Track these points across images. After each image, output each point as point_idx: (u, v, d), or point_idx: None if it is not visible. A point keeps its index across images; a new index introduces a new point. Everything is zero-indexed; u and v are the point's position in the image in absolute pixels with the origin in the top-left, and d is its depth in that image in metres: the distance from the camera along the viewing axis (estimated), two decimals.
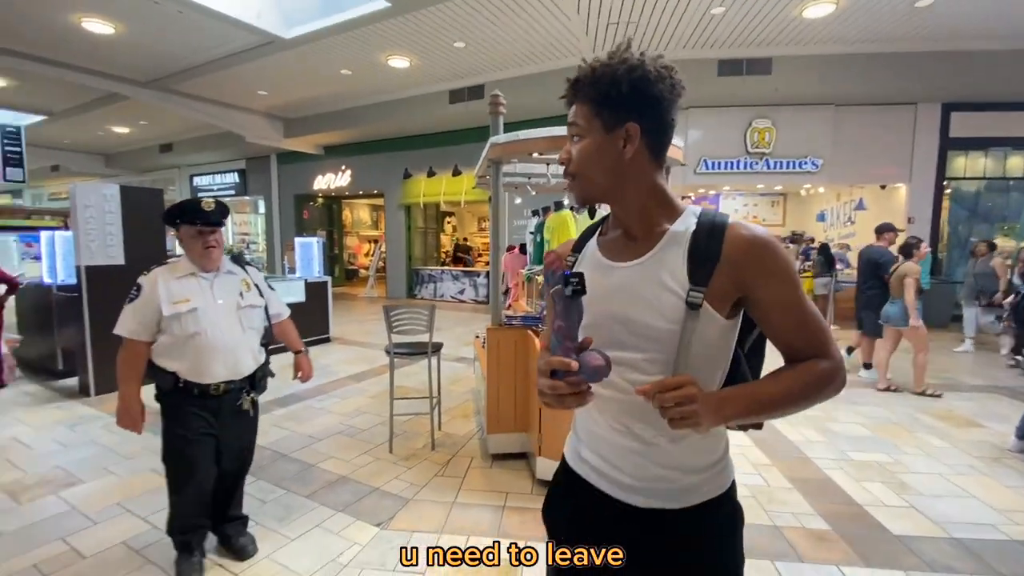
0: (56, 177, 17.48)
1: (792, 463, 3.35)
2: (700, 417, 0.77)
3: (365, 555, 2.35)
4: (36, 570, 2.24)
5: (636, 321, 0.87)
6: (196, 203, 2.04)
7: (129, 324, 2.00)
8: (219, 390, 2.07)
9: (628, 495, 0.92)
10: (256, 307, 2.20)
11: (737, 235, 0.84)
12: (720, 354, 0.90)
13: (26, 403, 4.54)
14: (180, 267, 2.07)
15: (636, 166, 0.88)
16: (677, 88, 0.88)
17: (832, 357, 0.86)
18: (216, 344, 2.03)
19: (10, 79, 9.13)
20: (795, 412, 0.88)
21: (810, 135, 8.78)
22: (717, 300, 0.84)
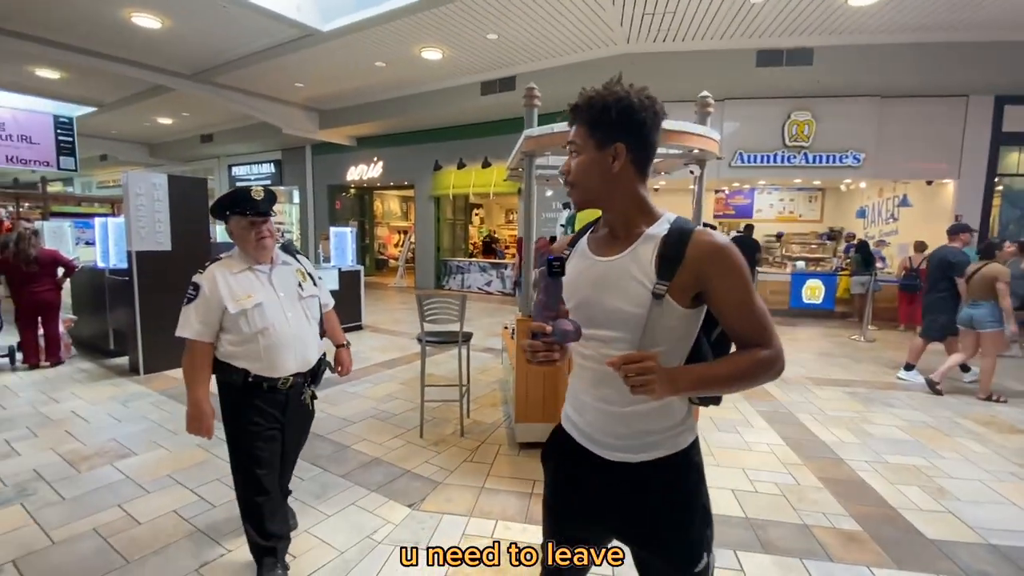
0: (104, 166, 18.30)
1: (824, 463, 3.30)
2: (655, 386, 0.93)
3: (398, 533, 2.44)
4: (96, 533, 2.41)
5: (610, 306, 1.05)
6: (246, 192, 1.92)
7: (193, 325, 1.88)
8: (287, 384, 1.99)
9: (601, 449, 1.12)
10: (314, 296, 2.15)
11: (699, 240, 1.01)
12: (680, 337, 1.07)
13: (82, 379, 4.83)
14: (235, 262, 1.97)
15: (623, 178, 1.06)
16: (659, 115, 1.05)
17: (772, 347, 1.02)
18: (285, 337, 1.96)
19: (64, 71, 9.59)
20: (739, 389, 1.05)
21: (852, 128, 8.48)
22: (678, 293, 1.01)
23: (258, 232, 1.94)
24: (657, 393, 0.94)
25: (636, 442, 1.09)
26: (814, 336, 7.62)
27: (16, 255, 4.91)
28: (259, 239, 1.95)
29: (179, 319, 1.90)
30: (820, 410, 4.31)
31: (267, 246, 1.98)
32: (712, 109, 3.14)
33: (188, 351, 1.92)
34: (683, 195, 11.65)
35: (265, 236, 1.96)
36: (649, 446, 1.09)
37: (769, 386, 4.94)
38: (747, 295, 1.01)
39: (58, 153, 10.45)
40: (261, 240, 1.95)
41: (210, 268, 1.93)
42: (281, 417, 2.03)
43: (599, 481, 1.13)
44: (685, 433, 1.11)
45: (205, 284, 1.89)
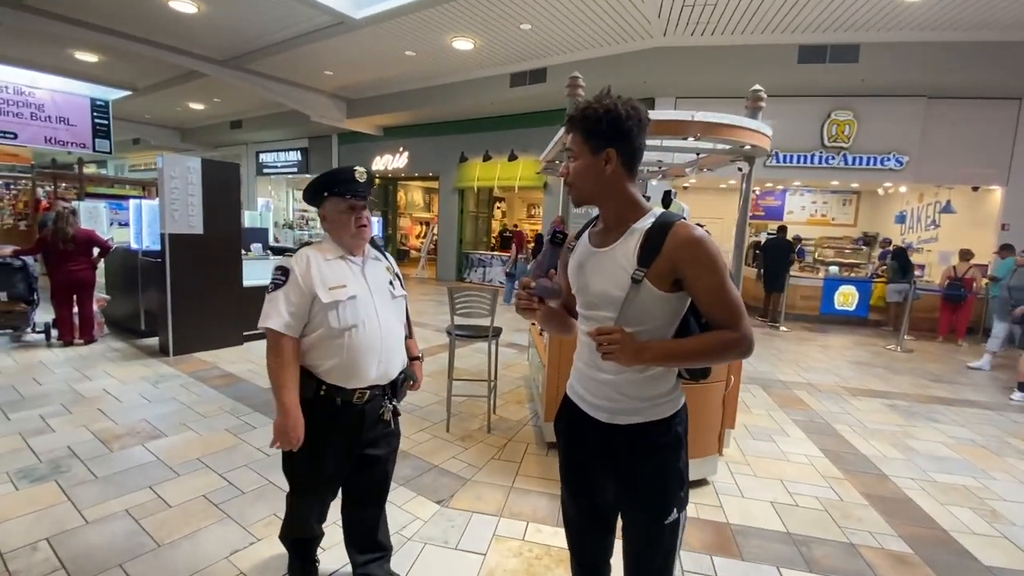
0: (136, 150, 18.69)
1: (867, 479, 3.15)
2: (620, 354, 1.12)
3: (427, 530, 2.39)
4: (128, 515, 2.41)
5: (600, 289, 1.23)
6: (349, 172, 1.69)
7: (283, 315, 1.60)
8: (363, 398, 1.71)
9: (596, 412, 1.28)
10: (405, 297, 1.90)
11: (676, 233, 1.14)
12: (660, 317, 1.19)
13: (114, 359, 4.90)
14: (326, 248, 1.72)
15: (614, 179, 1.20)
16: (643, 122, 1.19)
17: (739, 330, 1.14)
18: (373, 340, 1.69)
19: (102, 55, 9.77)
20: (706, 364, 1.24)
21: (896, 129, 8.15)
22: (657, 278, 1.15)
23: (358, 218, 1.71)
24: (623, 360, 1.13)
25: (623, 407, 1.24)
26: (847, 344, 7.38)
27: (54, 233, 4.99)
28: (359, 226, 1.71)
29: (263, 308, 1.63)
30: (859, 422, 4.14)
31: (365, 235, 1.75)
32: (764, 103, 2.99)
33: (274, 347, 1.62)
34: (711, 194, 11.42)
35: (365, 223, 1.73)
36: (634, 411, 1.24)
37: (803, 394, 4.78)
38: (719, 283, 1.13)
39: (94, 135, 10.67)
40: (361, 227, 1.71)
41: (303, 250, 1.70)
42: (357, 440, 1.75)
43: (596, 441, 1.29)
44: (668, 404, 1.25)
45: (297, 268, 1.63)
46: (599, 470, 1.32)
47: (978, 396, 5.03)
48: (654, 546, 1.29)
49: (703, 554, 2.31)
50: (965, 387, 5.32)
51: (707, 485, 2.93)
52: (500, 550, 2.27)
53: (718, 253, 1.14)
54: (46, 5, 7.25)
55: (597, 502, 1.36)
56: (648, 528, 1.28)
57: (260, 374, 4.44)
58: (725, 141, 2.80)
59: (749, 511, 2.69)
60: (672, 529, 1.27)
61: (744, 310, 1.16)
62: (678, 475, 1.27)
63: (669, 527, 1.26)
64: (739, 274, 3.23)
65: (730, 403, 2.99)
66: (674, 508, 1.26)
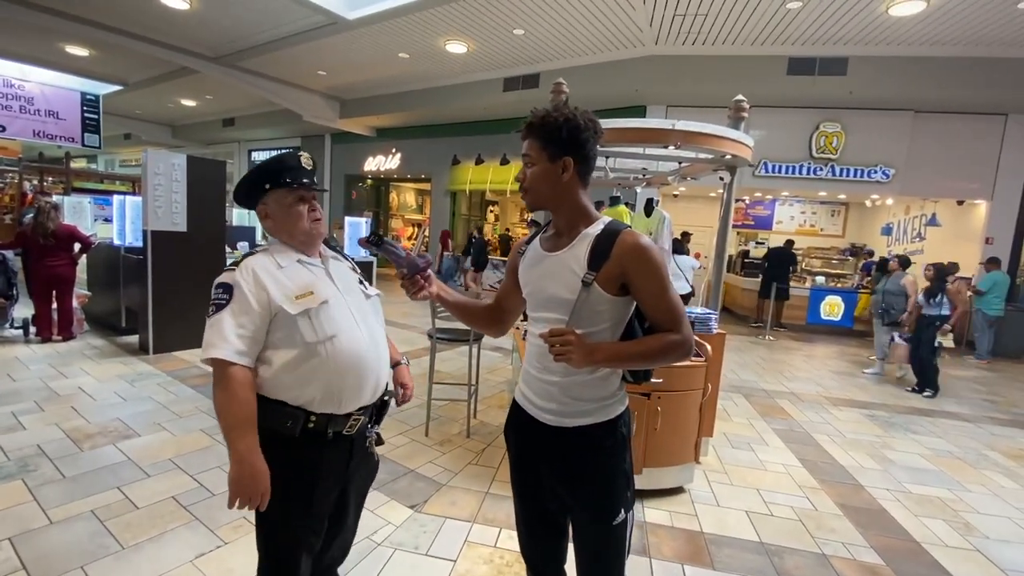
0: (127, 145, 18.52)
1: (843, 489, 3.16)
2: (572, 355, 1.13)
3: (399, 536, 2.37)
4: (93, 515, 2.37)
5: (551, 292, 1.26)
6: (295, 159, 1.42)
7: (231, 342, 1.24)
8: (354, 427, 1.38)
9: (543, 416, 1.30)
10: (379, 296, 1.59)
11: (623, 240, 1.19)
12: (608, 319, 1.24)
13: (92, 355, 4.83)
14: (277, 254, 1.38)
15: (569, 186, 1.24)
16: (598, 134, 1.24)
17: (681, 333, 1.21)
18: (360, 348, 1.37)
19: (92, 49, 9.68)
20: (651, 365, 1.30)
21: (883, 142, 8.25)
22: (605, 282, 1.19)
23: (312, 208, 1.42)
24: (575, 362, 1.15)
25: (571, 409, 1.27)
26: (831, 354, 7.43)
27: (34, 228, 4.92)
28: (314, 220, 1.42)
29: (204, 336, 1.27)
30: (838, 432, 4.16)
31: (321, 230, 1.45)
32: (747, 114, 3.02)
33: (221, 380, 1.24)
34: (700, 203, 11.49)
35: (319, 216, 1.44)
36: (581, 413, 1.27)
37: (784, 404, 4.80)
38: (661, 289, 1.20)
39: (83, 130, 10.56)
40: (316, 221, 1.42)
41: (246, 261, 1.33)
42: (343, 477, 1.43)
43: (543, 444, 1.32)
44: (615, 405, 1.29)
45: (244, 282, 1.28)
46: (548, 474, 1.33)
47: (958, 408, 5.08)
48: (604, 547, 1.31)
49: (675, 563, 2.30)
50: (946, 399, 5.37)
51: (683, 493, 2.92)
52: (471, 556, 2.25)
53: (661, 261, 1.20)
54: None
55: (547, 506, 1.37)
56: (597, 530, 1.30)
57: None
58: (706, 150, 2.81)
59: (723, 520, 2.69)
60: (620, 529, 1.29)
61: (684, 314, 1.23)
62: (624, 476, 1.30)
63: (617, 528, 1.28)
64: (719, 282, 3.24)
65: (707, 411, 2.99)
66: (621, 508, 1.28)
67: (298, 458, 1.33)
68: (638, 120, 2.54)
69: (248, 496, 1.24)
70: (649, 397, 2.66)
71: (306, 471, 1.34)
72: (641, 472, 2.71)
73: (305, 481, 1.34)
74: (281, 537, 1.37)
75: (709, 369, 2.85)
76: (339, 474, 1.41)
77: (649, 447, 2.70)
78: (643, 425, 2.66)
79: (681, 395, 2.74)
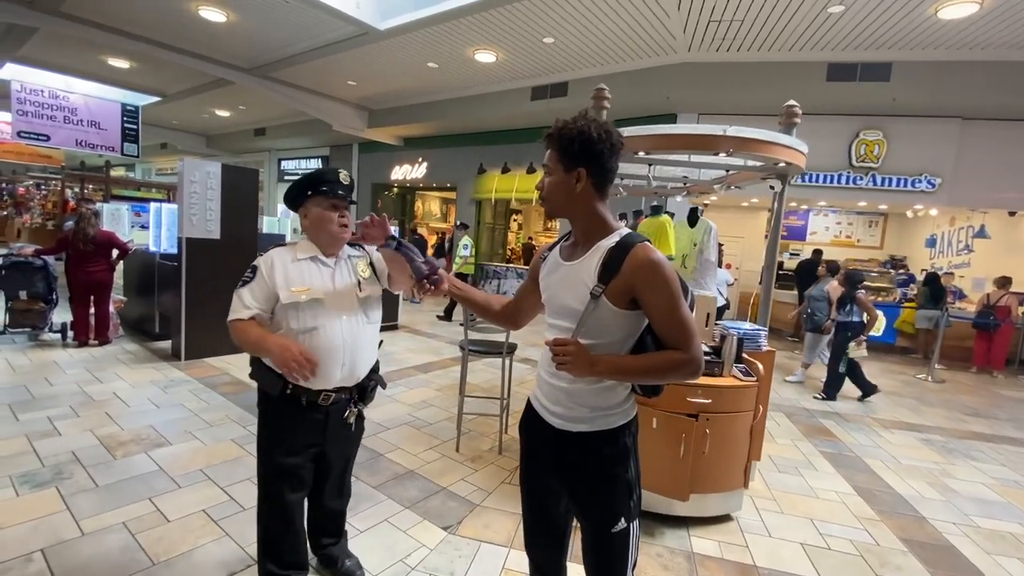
0: (163, 154, 19.13)
1: (905, 521, 2.93)
2: (573, 365, 1.18)
3: (433, 560, 2.26)
4: (125, 527, 2.33)
5: (563, 301, 1.29)
6: (334, 173, 1.75)
7: (248, 308, 1.68)
8: (328, 400, 1.76)
9: (550, 418, 1.34)
10: (374, 297, 1.89)
11: (635, 255, 1.19)
12: (616, 332, 1.25)
13: (126, 360, 4.89)
14: (300, 250, 1.77)
15: (584, 197, 1.26)
16: (615, 146, 1.24)
17: (689, 352, 1.20)
18: (335, 342, 1.72)
19: (133, 61, 10.00)
20: (655, 381, 1.30)
21: (928, 151, 7.89)
22: (614, 295, 1.21)
23: (341, 216, 1.75)
24: (575, 371, 1.19)
25: (575, 415, 1.30)
26: (874, 371, 7.06)
27: (75, 234, 5.03)
28: (340, 226, 1.75)
29: (231, 303, 1.70)
30: (892, 457, 3.90)
31: (345, 236, 1.78)
32: (799, 119, 2.86)
33: (237, 332, 1.66)
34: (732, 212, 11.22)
35: (346, 224, 1.76)
36: (585, 420, 1.29)
37: (830, 424, 4.56)
38: (672, 306, 1.19)
39: (123, 139, 10.91)
40: (342, 227, 1.75)
41: (272, 251, 1.76)
42: (320, 439, 1.82)
43: (549, 445, 1.35)
44: (618, 416, 1.30)
45: (263, 266, 1.71)
46: (552, 476, 1.37)
47: (1020, 433, 4.74)
48: (605, 554, 1.32)
49: None
50: (1005, 423, 5.03)
51: (731, 521, 2.75)
52: None
53: (673, 277, 1.20)
54: (82, 12, 7.44)
55: (550, 508, 1.42)
56: (596, 536, 1.32)
57: None
58: (758, 157, 2.67)
59: (777, 553, 2.50)
60: (621, 538, 1.30)
61: (694, 333, 1.22)
62: (626, 485, 1.30)
63: (618, 536, 1.29)
64: (768, 296, 3.07)
65: (757, 434, 2.82)
66: (622, 518, 1.29)
67: (279, 412, 1.76)
68: (687, 126, 2.42)
69: (294, 359, 1.54)
70: (697, 419, 2.50)
71: (285, 422, 1.77)
72: (688, 499, 2.54)
73: (284, 428, 1.77)
74: (267, 469, 1.82)
75: (760, 389, 2.68)
76: (314, 433, 1.79)
77: (696, 472, 2.54)
78: (690, 449, 2.50)
79: (730, 417, 2.58)
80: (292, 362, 1.53)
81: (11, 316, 5.14)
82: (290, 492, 1.82)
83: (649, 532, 2.56)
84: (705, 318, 2.77)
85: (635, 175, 3.62)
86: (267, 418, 1.81)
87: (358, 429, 1.97)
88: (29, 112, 9.58)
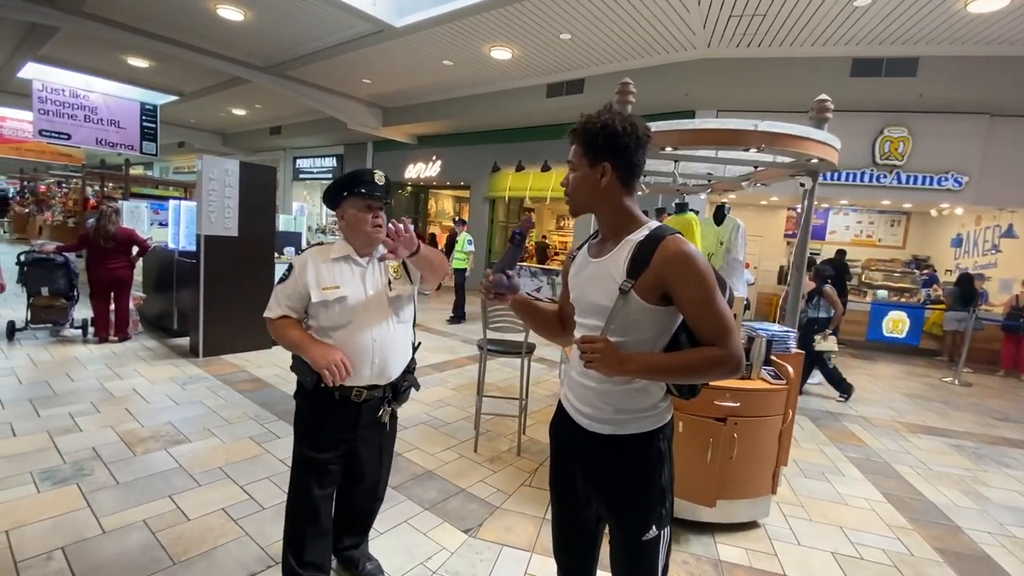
0: (181, 152, 19.37)
1: (938, 530, 2.83)
2: (602, 363, 1.13)
3: (454, 564, 2.22)
4: (145, 525, 2.32)
5: (592, 298, 1.25)
6: (369, 174, 1.77)
7: (280, 307, 1.77)
8: (360, 396, 1.79)
9: (580, 419, 1.30)
10: (405, 296, 1.89)
11: (665, 247, 1.14)
12: (648, 330, 1.20)
13: (145, 357, 4.92)
14: (334, 249, 1.81)
15: (609, 192, 1.22)
16: (641, 139, 1.20)
17: (726, 348, 1.13)
18: (364, 341, 1.75)
19: (152, 60, 10.11)
20: (691, 380, 1.23)
21: (955, 148, 7.68)
22: (644, 291, 1.15)
23: (375, 216, 1.77)
24: (604, 370, 1.14)
25: (605, 416, 1.25)
26: (898, 374, 6.91)
27: (96, 231, 5.08)
28: (374, 225, 1.76)
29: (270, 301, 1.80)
30: (921, 463, 3.79)
31: (379, 235, 1.77)
32: (830, 114, 2.77)
33: (274, 330, 1.77)
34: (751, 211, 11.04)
35: (380, 223, 1.77)
36: (617, 423, 1.24)
37: (856, 428, 4.44)
38: (706, 299, 1.13)
39: (142, 138, 11.03)
40: (376, 227, 1.76)
41: (307, 251, 1.82)
42: (351, 434, 1.84)
43: (579, 448, 1.31)
44: (650, 419, 1.25)
45: (297, 266, 1.77)
46: (582, 479, 1.32)
47: None
48: (634, 562, 1.28)
49: None
50: None
51: (759, 528, 2.67)
52: None
53: (707, 269, 1.14)
54: (102, 11, 7.52)
55: (581, 513, 1.37)
56: (626, 543, 1.27)
57: (287, 379, 4.36)
58: (788, 153, 2.58)
59: (807, 562, 2.42)
60: (652, 546, 1.25)
61: (732, 328, 1.15)
62: (659, 491, 1.25)
63: (648, 543, 1.25)
64: (798, 296, 2.98)
65: (785, 439, 2.73)
66: (653, 525, 1.25)
67: (313, 404, 1.79)
68: (717, 120, 2.34)
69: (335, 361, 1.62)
70: (725, 423, 2.43)
71: (317, 416, 1.80)
72: (715, 505, 2.47)
73: (316, 422, 1.80)
74: (297, 462, 1.85)
75: (789, 393, 2.59)
76: (346, 429, 1.81)
77: (723, 477, 2.47)
78: (718, 453, 2.43)
79: (760, 421, 2.50)
80: (333, 366, 1.61)
81: (33, 312, 5.21)
82: (317, 487, 1.83)
83: (674, 539, 2.48)
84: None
85: (657, 171, 3.54)
86: (302, 410, 1.85)
87: (392, 429, 1.97)
88: (50, 111, 9.72)
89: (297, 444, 1.86)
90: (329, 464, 1.83)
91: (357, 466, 1.91)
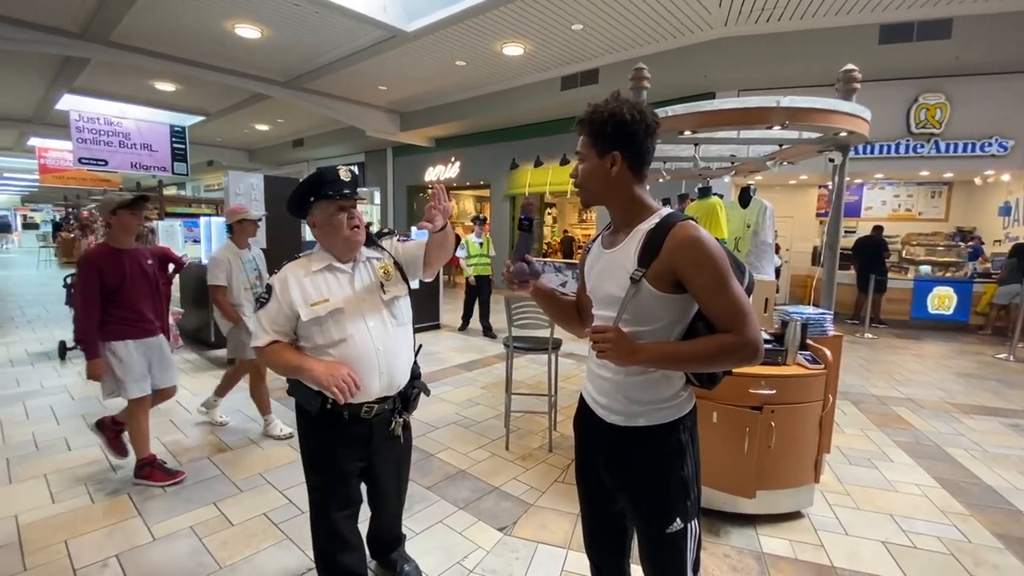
0: (210, 171, 20.01)
1: (998, 515, 2.68)
2: (613, 353, 1.12)
3: (490, 562, 2.22)
4: (192, 532, 2.40)
5: (606, 290, 1.24)
6: (334, 172, 1.61)
7: (268, 334, 1.61)
8: (371, 412, 1.67)
9: (601, 411, 1.29)
10: (401, 298, 1.77)
11: (674, 234, 1.12)
12: (660, 318, 1.18)
13: (186, 369, 5.11)
14: (314, 260, 1.67)
15: (620, 181, 1.20)
16: (650, 126, 1.17)
17: (743, 335, 1.10)
18: (367, 351, 1.62)
19: (178, 84, 10.47)
20: (705, 369, 1.19)
21: (997, 111, 7.25)
22: (655, 279, 1.14)
23: (351, 217, 1.62)
24: (616, 359, 1.13)
25: (623, 408, 1.24)
26: (947, 353, 6.58)
27: None
28: (352, 227, 1.62)
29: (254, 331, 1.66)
30: (976, 445, 3.59)
31: (359, 236, 1.65)
32: (858, 84, 2.64)
33: (263, 357, 1.61)
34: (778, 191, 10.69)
35: (358, 224, 1.63)
36: (635, 414, 1.23)
37: (903, 411, 4.25)
38: (718, 284, 1.11)
39: (173, 159, 11.44)
40: (355, 228, 1.63)
41: (284, 267, 1.67)
42: (366, 454, 1.75)
43: (601, 440, 1.30)
44: (670, 410, 1.23)
45: (276, 285, 1.61)
46: (605, 472, 1.32)
47: None
48: (660, 555, 1.27)
49: None
50: None
51: (802, 519, 2.58)
52: None
53: (719, 254, 1.11)
54: (128, 40, 7.82)
55: (607, 508, 1.37)
56: (651, 536, 1.26)
57: None
58: (815, 128, 2.48)
59: (857, 553, 2.33)
60: (677, 539, 1.23)
61: (748, 313, 1.11)
62: (681, 483, 1.23)
63: (672, 537, 1.23)
64: (832, 278, 2.86)
65: (827, 425, 2.63)
66: (677, 518, 1.23)
67: (320, 429, 1.68)
68: (737, 99, 2.26)
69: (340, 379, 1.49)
70: (761, 411, 2.35)
71: (326, 440, 1.69)
72: (755, 496, 2.40)
73: (326, 447, 1.69)
74: (313, 488, 1.76)
75: (828, 377, 2.49)
76: (359, 449, 1.72)
77: (762, 467, 2.39)
78: (755, 443, 2.36)
79: (797, 408, 2.41)
80: (341, 382, 1.48)
81: None
82: (337, 511, 1.75)
83: (714, 531, 2.43)
84: (764, 303, 2.60)
85: (677, 157, 3.45)
86: (308, 436, 1.74)
87: (406, 440, 1.88)
88: (88, 139, 10.18)
89: (308, 471, 1.76)
90: (347, 488, 1.75)
91: (376, 484, 1.86)
